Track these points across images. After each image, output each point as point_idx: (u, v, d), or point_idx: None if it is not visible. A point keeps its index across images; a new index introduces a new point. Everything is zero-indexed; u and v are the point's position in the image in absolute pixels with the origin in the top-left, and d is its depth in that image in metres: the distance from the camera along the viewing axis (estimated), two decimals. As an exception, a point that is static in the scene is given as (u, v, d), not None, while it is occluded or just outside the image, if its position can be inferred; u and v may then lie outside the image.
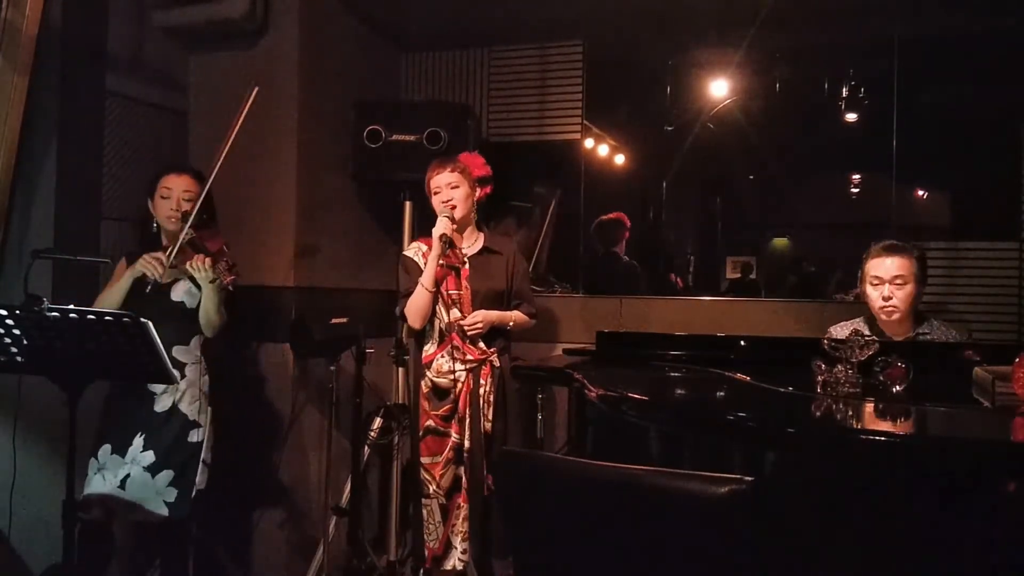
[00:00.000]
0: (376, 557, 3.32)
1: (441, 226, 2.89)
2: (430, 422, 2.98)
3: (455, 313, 2.95)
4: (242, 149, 3.43)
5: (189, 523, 2.81)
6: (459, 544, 2.93)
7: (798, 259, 4.56)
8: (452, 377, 2.92)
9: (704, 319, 3.70)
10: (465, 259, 2.98)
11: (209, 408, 2.79)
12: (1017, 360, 1.73)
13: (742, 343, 2.71)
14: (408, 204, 3.59)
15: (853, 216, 4.32)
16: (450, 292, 2.96)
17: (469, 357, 2.92)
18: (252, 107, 3.42)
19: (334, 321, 3.13)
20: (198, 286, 2.71)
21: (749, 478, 1.31)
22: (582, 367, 2.43)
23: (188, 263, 2.62)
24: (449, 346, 2.94)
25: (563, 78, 3.99)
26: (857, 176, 4.26)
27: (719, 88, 4.14)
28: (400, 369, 3.42)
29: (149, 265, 2.61)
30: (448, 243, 2.90)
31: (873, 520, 1.48)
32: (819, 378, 1.94)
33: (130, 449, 2.65)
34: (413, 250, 3.07)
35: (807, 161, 4.37)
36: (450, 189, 2.97)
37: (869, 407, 1.81)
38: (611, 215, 4.25)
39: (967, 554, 1.42)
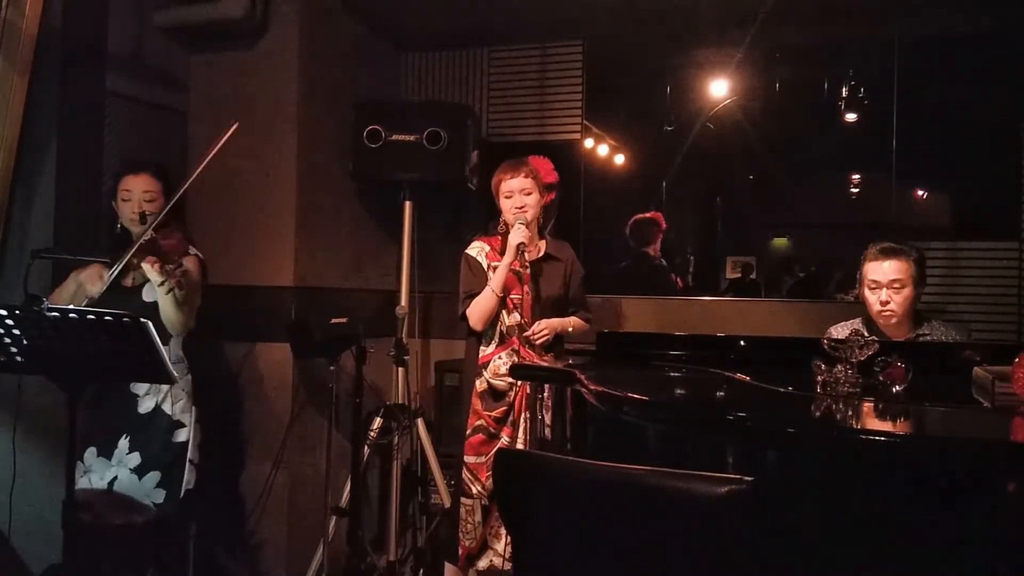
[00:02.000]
0: (376, 557, 3.32)
1: (519, 235, 2.87)
2: (481, 421, 2.98)
3: (515, 317, 2.96)
4: (242, 149, 3.44)
5: (188, 523, 2.81)
6: (501, 546, 2.92)
7: (792, 262, 4.56)
8: (509, 380, 2.93)
9: (704, 319, 3.70)
10: (528, 265, 2.98)
11: (193, 408, 2.77)
12: (1017, 360, 1.73)
13: (742, 343, 2.70)
14: (408, 204, 3.59)
15: (853, 216, 4.32)
16: (512, 297, 2.97)
17: (528, 362, 2.94)
18: (252, 106, 3.44)
19: (334, 321, 3.14)
20: None
21: (749, 478, 1.31)
22: (582, 367, 2.43)
23: (143, 265, 2.55)
24: (508, 348, 2.95)
25: (563, 78, 3.99)
26: (857, 176, 4.26)
27: (719, 88, 4.15)
28: (400, 369, 3.42)
29: (89, 280, 2.59)
30: (523, 251, 2.89)
31: (873, 520, 1.48)
32: (819, 378, 1.93)
33: (115, 451, 2.65)
34: (476, 250, 3.07)
35: (807, 161, 4.37)
36: (523, 195, 2.95)
37: (869, 407, 1.81)
38: (648, 214, 4.25)
39: (967, 554, 1.42)
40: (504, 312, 2.99)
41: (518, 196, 2.95)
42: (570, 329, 3.05)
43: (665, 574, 1.41)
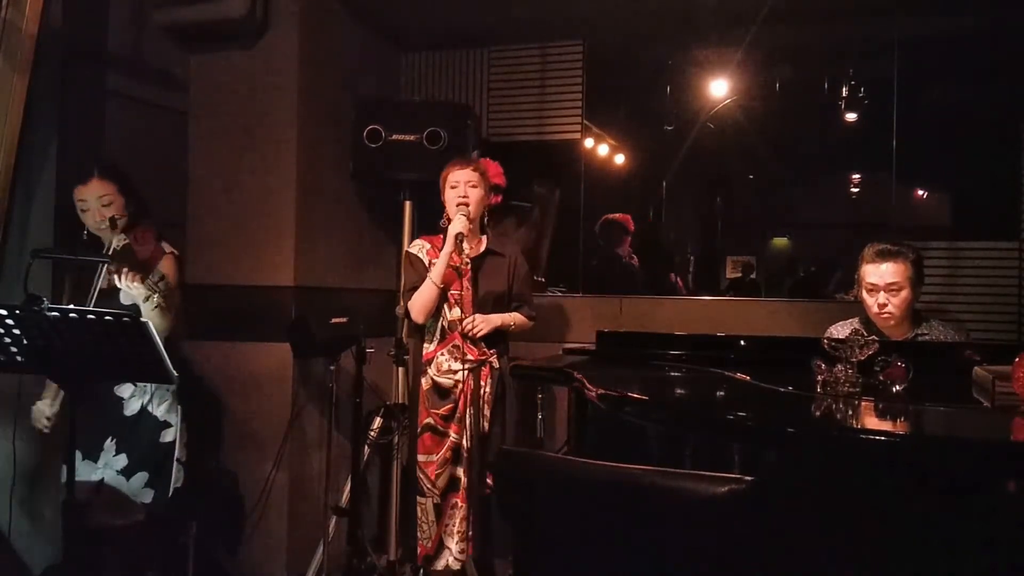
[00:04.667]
0: (376, 557, 3.32)
1: (459, 224, 2.91)
2: (429, 420, 2.99)
3: (456, 312, 2.97)
4: (242, 149, 3.45)
5: (187, 523, 2.81)
6: (455, 544, 2.94)
7: (795, 260, 4.55)
8: (453, 378, 2.94)
9: (704, 319, 3.70)
10: (468, 260, 3.00)
11: (179, 407, 2.76)
12: (1017, 360, 1.73)
13: (742, 343, 2.70)
14: (408, 204, 3.59)
15: (853, 216, 4.31)
16: (452, 292, 2.98)
17: (469, 357, 2.94)
18: (252, 106, 3.44)
19: (334, 321, 3.14)
20: None
21: (749, 478, 1.31)
22: (582, 367, 2.43)
23: (122, 279, 2.55)
24: (450, 345, 2.96)
25: (563, 78, 3.99)
26: (857, 176, 4.26)
27: (719, 88, 4.14)
28: (400, 369, 3.42)
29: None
30: (462, 241, 2.92)
31: (873, 520, 1.48)
32: (819, 378, 1.94)
33: (101, 454, 2.64)
34: (417, 247, 3.10)
35: (807, 161, 4.37)
36: (469, 187, 2.99)
37: (869, 407, 1.81)
38: (616, 216, 4.25)
39: (967, 554, 1.42)
40: (446, 307, 3.01)
41: (463, 187, 2.99)
42: (511, 326, 3.07)
43: (665, 574, 1.41)
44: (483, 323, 2.96)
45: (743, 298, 4.21)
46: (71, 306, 2.12)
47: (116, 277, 2.55)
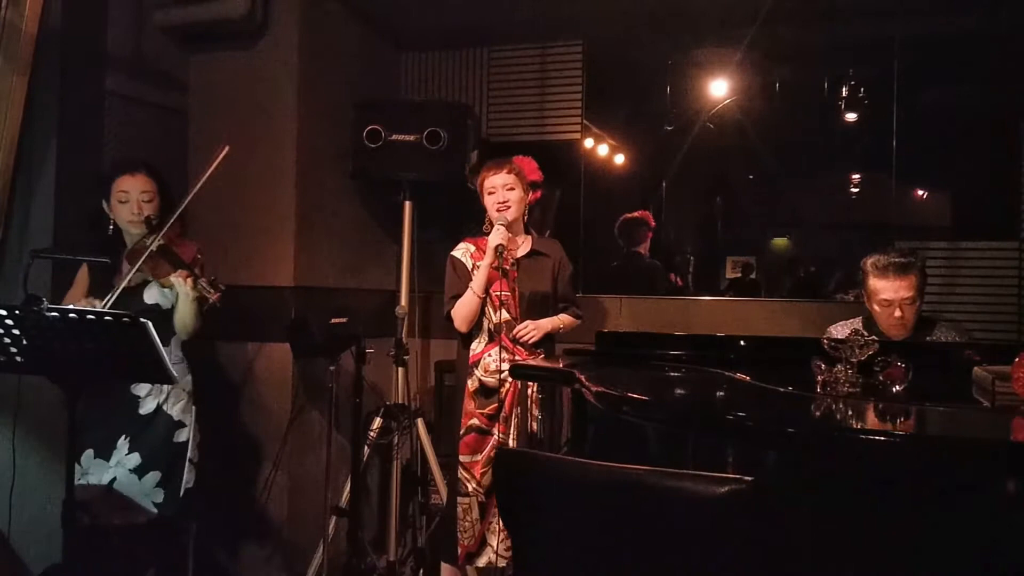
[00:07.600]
0: (376, 557, 3.32)
1: (498, 236, 2.90)
2: (474, 420, 2.99)
3: (504, 314, 2.97)
4: (242, 149, 3.44)
5: (188, 523, 2.81)
6: (499, 543, 2.93)
7: (795, 260, 4.56)
8: (500, 376, 2.94)
9: (704, 319, 3.70)
10: (515, 261, 2.99)
11: (193, 407, 2.78)
12: (1017, 360, 1.73)
13: (742, 343, 2.70)
14: (408, 204, 3.59)
15: (853, 216, 4.32)
16: (498, 293, 2.98)
17: (517, 358, 2.94)
18: (252, 106, 3.44)
19: (334, 321, 3.13)
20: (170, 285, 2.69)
21: (749, 478, 1.31)
22: (582, 367, 2.43)
23: (172, 277, 2.58)
24: (498, 345, 2.96)
25: (563, 78, 3.99)
26: (857, 176, 4.26)
27: (719, 88, 4.15)
28: (400, 369, 3.42)
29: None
30: (502, 252, 2.90)
31: (873, 520, 1.48)
32: (819, 378, 1.94)
33: (114, 452, 2.64)
34: (461, 251, 3.10)
35: (807, 161, 4.37)
36: (506, 191, 2.99)
37: (869, 407, 1.81)
38: (636, 213, 4.25)
39: (967, 554, 1.42)
40: (491, 309, 3.00)
41: (501, 191, 2.99)
42: (560, 328, 3.07)
43: (665, 574, 1.41)
44: (535, 330, 2.97)
45: (743, 298, 4.22)
46: (70, 306, 2.12)
47: (149, 275, 2.59)
